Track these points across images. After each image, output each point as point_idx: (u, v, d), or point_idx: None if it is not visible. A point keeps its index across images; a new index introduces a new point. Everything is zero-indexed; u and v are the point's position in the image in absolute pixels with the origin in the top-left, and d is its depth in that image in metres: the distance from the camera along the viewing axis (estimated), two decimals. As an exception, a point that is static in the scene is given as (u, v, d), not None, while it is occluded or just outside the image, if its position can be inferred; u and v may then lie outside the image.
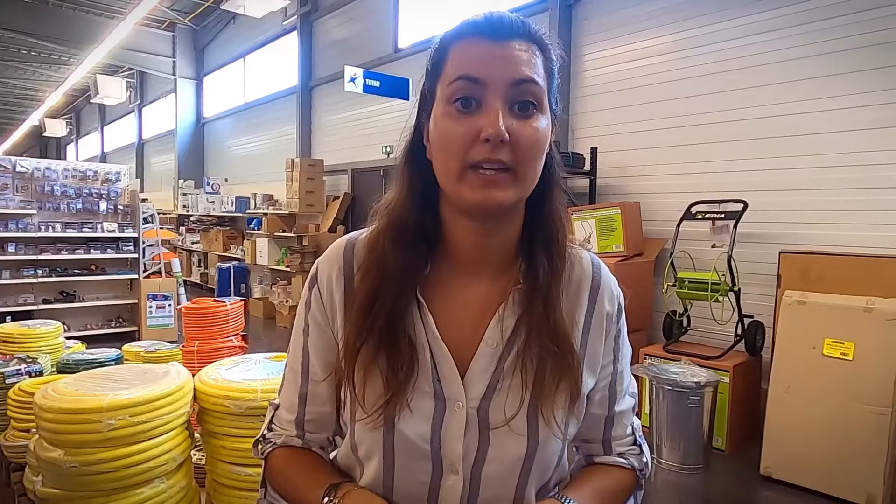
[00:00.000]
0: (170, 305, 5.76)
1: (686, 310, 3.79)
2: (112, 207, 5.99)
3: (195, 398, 2.31)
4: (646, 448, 0.86)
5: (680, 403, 3.22)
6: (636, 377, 3.63)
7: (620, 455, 0.84)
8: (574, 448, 0.87)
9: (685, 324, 3.84)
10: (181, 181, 11.19)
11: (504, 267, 0.76)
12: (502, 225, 0.73)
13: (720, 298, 3.47)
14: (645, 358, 3.68)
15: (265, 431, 0.85)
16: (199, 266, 10.04)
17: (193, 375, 2.37)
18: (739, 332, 3.55)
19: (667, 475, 3.21)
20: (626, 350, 0.83)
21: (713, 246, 3.71)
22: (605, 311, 0.79)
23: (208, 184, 9.96)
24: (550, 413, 0.72)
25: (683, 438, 3.23)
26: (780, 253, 3.40)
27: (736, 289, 3.49)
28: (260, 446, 0.85)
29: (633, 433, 0.86)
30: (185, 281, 7.29)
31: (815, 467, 2.92)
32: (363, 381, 0.71)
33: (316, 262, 0.80)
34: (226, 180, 10.21)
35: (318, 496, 0.72)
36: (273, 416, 0.85)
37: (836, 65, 3.47)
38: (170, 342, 3.38)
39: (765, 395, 3.20)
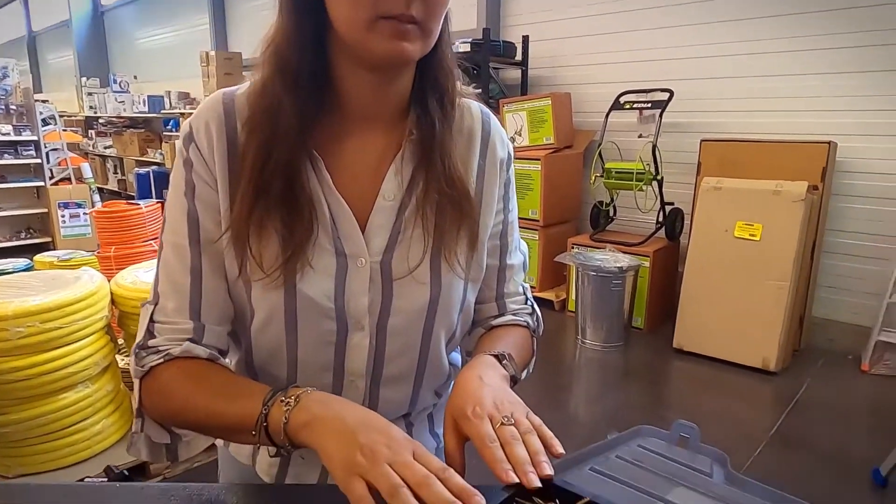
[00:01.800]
0: (85, 214, 5.41)
1: (612, 200, 3.91)
2: (3, 107, 5.39)
3: (114, 303, 2.23)
4: (537, 309, 0.90)
5: (603, 288, 3.41)
6: (563, 265, 3.79)
7: (515, 314, 0.87)
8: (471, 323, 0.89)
9: (611, 213, 3.97)
10: (84, 79, 10.15)
11: (397, 118, 0.74)
12: (399, 76, 0.70)
13: (644, 187, 3.58)
14: (573, 247, 3.82)
15: (145, 339, 0.70)
16: (116, 173, 9.39)
17: (110, 280, 2.27)
18: (661, 219, 3.71)
19: (590, 353, 3.45)
20: (515, 204, 0.86)
21: (639, 136, 3.77)
22: (497, 157, 0.80)
23: (115, 81, 9.10)
24: (453, 257, 0.74)
25: (606, 320, 3.45)
26: (701, 141, 3.51)
27: (659, 177, 3.61)
28: (142, 359, 0.69)
29: (524, 293, 0.89)
30: (100, 188, 6.83)
31: (720, 338, 3.21)
32: (258, 243, 0.68)
33: (187, 121, 0.73)
34: (135, 77, 9.35)
35: (254, 407, 0.61)
36: (153, 315, 0.71)
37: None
38: (89, 252, 3.21)
39: (680, 278, 3.43)
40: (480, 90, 4.26)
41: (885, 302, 3.00)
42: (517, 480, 0.54)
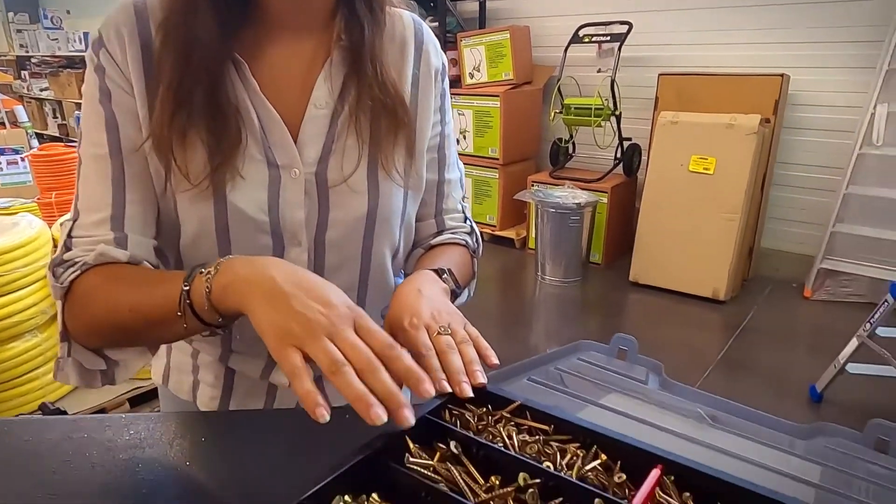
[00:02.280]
0: (23, 160, 5.12)
1: (571, 136, 3.90)
2: (-80, 46, 4.96)
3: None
4: (477, 229, 0.90)
5: (562, 224, 3.44)
6: (523, 203, 3.81)
7: (454, 232, 0.87)
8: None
9: (570, 150, 3.97)
10: (11, 14, 9.39)
11: (324, 24, 0.71)
12: None
13: (603, 123, 3.58)
14: (532, 185, 3.83)
15: (60, 254, 0.66)
16: (56, 117, 8.86)
17: (51, 227, 2.18)
18: (619, 155, 3.73)
19: (550, 289, 3.52)
20: (451, 118, 0.85)
21: (598, 70, 3.73)
22: (431, 66, 0.79)
23: (46, 17, 8.46)
24: (391, 165, 0.73)
25: (564, 256, 3.51)
26: (659, 75, 3.50)
27: (618, 113, 3.60)
28: (59, 276, 0.64)
29: (464, 211, 0.89)
30: (40, 134, 6.45)
31: (674, 271, 3.31)
32: (183, 152, 0.65)
33: (97, 28, 0.67)
34: (68, 13, 8.69)
35: (175, 287, 0.58)
36: (71, 231, 0.66)
37: None
38: (29, 199, 3.05)
39: (637, 213, 3.49)
40: (437, 24, 4.11)
41: (828, 231, 3.12)
42: (450, 390, 0.54)
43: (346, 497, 0.44)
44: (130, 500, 0.58)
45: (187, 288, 0.57)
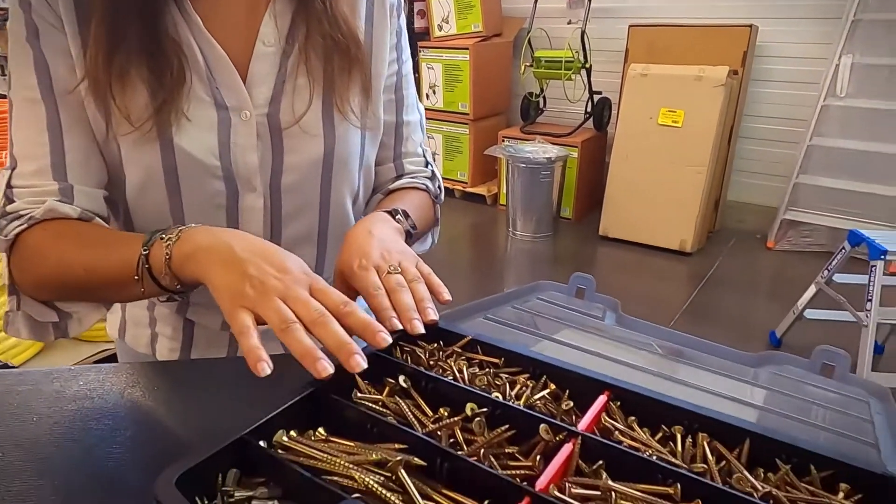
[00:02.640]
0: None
1: (542, 90, 3.86)
2: None
3: None
4: (439, 174, 0.88)
5: (533, 179, 3.43)
6: (494, 159, 3.78)
7: (413, 176, 0.85)
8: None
9: (541, 104, 3.93)
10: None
11: None
12: None
13: (573, 77, 3.54)
14: (503, 140, 3.79)
15: (3, 206, 0.62)
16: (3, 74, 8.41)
17: None
18: (589, 109, 3.71)
19: (521, 244, 3.53)
20: (409, 57, 0.82)
21: (569, 22, 3.66)
22: (386, 1, 0.75)
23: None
24: (346, 105, 0.70)
25: (535, 211, 3.51)
26: (630, 27, 3.45)
27: (588, 66, 3.56)
28: (2, 228, 0.61)
29: (424, 155, 0.87)
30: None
31: (643, 224, 3.34)
32: (123, 93, 0.61)
33: None
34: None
35: (134, 251, 0.56)
36: (10, 180, 0.63)
37: None
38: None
39: (607, 167, 3.49)
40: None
41: (791, 183, 3.18)
42: (401, 327, 0.53)
43: (292, 432, 0.44)
44: (76, 448, 0.57)
45: (146, 253, 0.56)
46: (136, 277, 0.56)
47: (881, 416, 0.53)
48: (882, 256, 1.97)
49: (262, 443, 0.41)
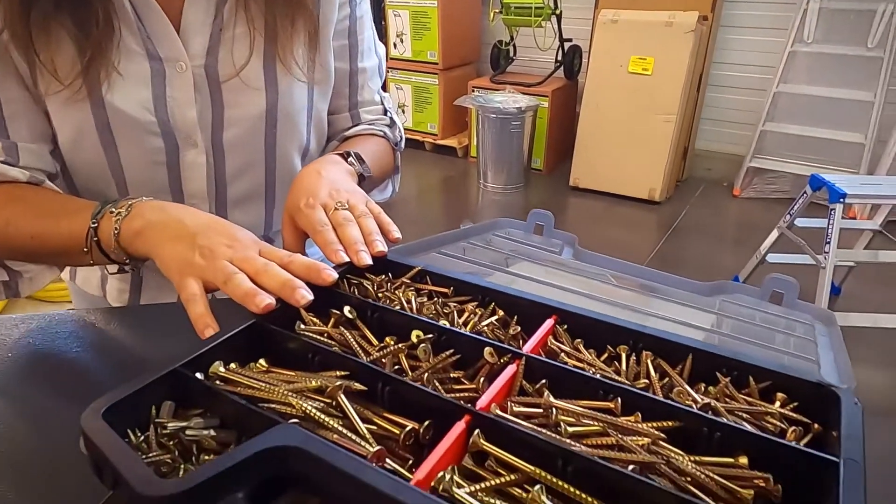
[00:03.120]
0: None
1: (512, 38, 3.77)
2: None
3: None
4: (398, 122, 0.85)
5: (503, 130, 3.39)
6: (465, 111, 3.71)
7: (371, 124, 0.82)
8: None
9: (511, 53, 3.85)
10: None
11: None
12: None
13: (543, 24, 3.46)
14: (473, 90, 3.72)
15: None
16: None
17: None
18: (559, 57, 3.64)
19: (492, 196, 3.52)
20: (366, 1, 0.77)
21: (539, -34, 3.54)
22: None
23: None
24: (290, 58, 0.66)
25: (506, 163, 3.48)
26: (600, -31, 3.37)
27: (558, 12, 3.48)
28: None
29: (382, 102, 0.84)
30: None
31: (613, 174, 3.35)
32: (47, 47, 0.57)
33: None
34: None
35: (83, 222, 0.55)
36: None
37: None
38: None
39: (578, 117, 3.46)
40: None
41: (757, 130, 3.20)
42: (347, 260, 0.52)
43: (232, 365, 0.42)
44: (12, 395, 0.55)
45: (95, 225, 0.55)
46: (84, 250, 0.56)
47: (825, 338, 0.54)
48: (841, 200, 2.00)
49: (198, 375, 0.40)
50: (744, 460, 0.34)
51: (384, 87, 0.86)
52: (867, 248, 2.34)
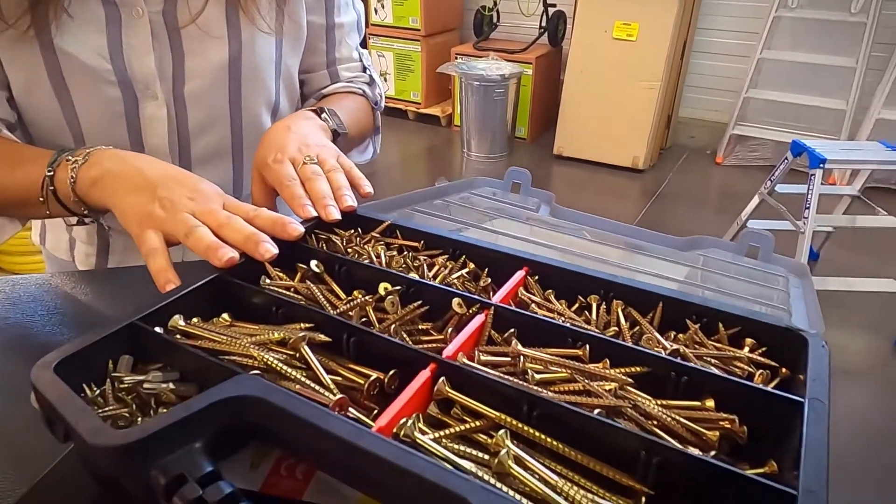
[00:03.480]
0: None
1: (495, 3, 3.70)
2: None
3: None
4: (378, 80, 0.82)
5: (487, 98, 3.34)
6: (448, 78, 3.65)
7: (350, 81, 0.79)
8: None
9: (494, 19, 3.78)
10: None
11: None
12: None
13: (527, -12, 3.39)
14: (456, 57, 3.65)
15: None
16: None
17: None
18: (543, 23, 3.58)
19: (476, 165, 3.49)
20: None
21: (522, -73, 3.46)
22: None
23: None
24: (251, 6, 0.63)
25: (490, 131, 3.45)
26: (585, -68, 3.29)
27: (542, -24, 3.41)
28: None
29: (361, 59, 0.81)
30: None
31: (596, 142, 3.33)
32: None
33: None
34: None
35: (39, 170, 0.53)
36: None
37: None
38: None
39: (562, 85, 3.42)
40: None
41: (741, 97, 3.19)
42: (315, 214, 0.50)
43: (195, 319, 0.41)
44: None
45: (51, 174, 0.53)
46: (41, 199, 0.54)
47: (798, 289, 0.54)
48: (821, 165, 2.01)
49: (157, 329, 0.39)
50: (710, 403, 0.33)
51: (363, 46, 0.83)
52: (846, 214, 2.36)
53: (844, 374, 1.80)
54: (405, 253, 0.48)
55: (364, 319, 0.42)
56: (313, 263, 0.46)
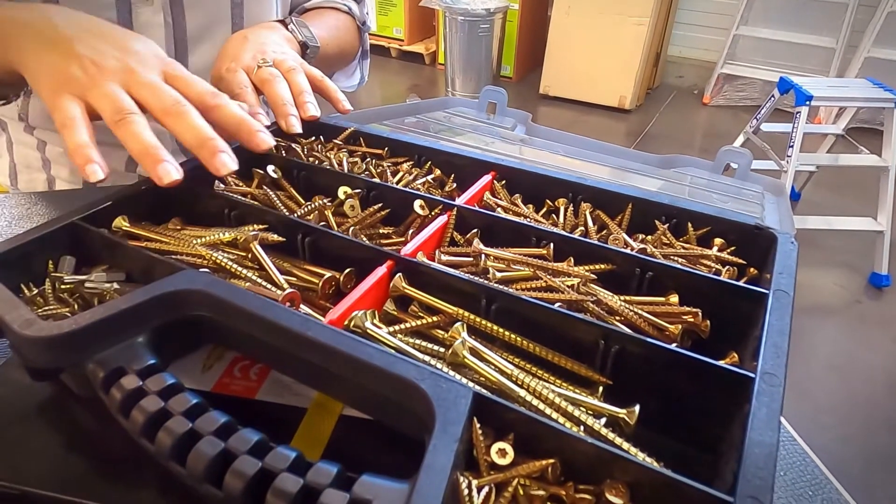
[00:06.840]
0: None
1: (481, -68, 3.52)
2: None
3: None
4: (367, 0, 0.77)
5: (472, 34, 3.23)
6: (433, 14, 3.51)
7: None
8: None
9: (480, -50, 3.61)
10: None
11: None
12: None
13: (514, -85, 3.22)
14: (439, -9, 3.51)
15: None
16: None
17: None
18: (531, -46, 3.43)
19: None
20: None
21: None
22: None
23: None
24: None
25: (475, 69, 3.35)
26: None
27: None
28: None
29: None
30: None
31: (583, 81, 3.26)
32: None
33: None
34: None
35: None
36: None
37: None
38: None
39: (549, 22, 3.31)
40: None
41: (731, 35, 3.11)
42: (266, 124, 0.45)
43: (145, 222, 0.39)
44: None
45: None
46: None
47: (772, 205, 0.53)
48: (807, 102, 1.99)
49: (102, 231, 0.37)
50: (674, 299, 0.32)
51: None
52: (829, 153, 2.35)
53: (817, 312, 1.84)
54: (368, 160, 0.46)
55: (323, 225, 0.40)
56: (270, 168, 0.43)
